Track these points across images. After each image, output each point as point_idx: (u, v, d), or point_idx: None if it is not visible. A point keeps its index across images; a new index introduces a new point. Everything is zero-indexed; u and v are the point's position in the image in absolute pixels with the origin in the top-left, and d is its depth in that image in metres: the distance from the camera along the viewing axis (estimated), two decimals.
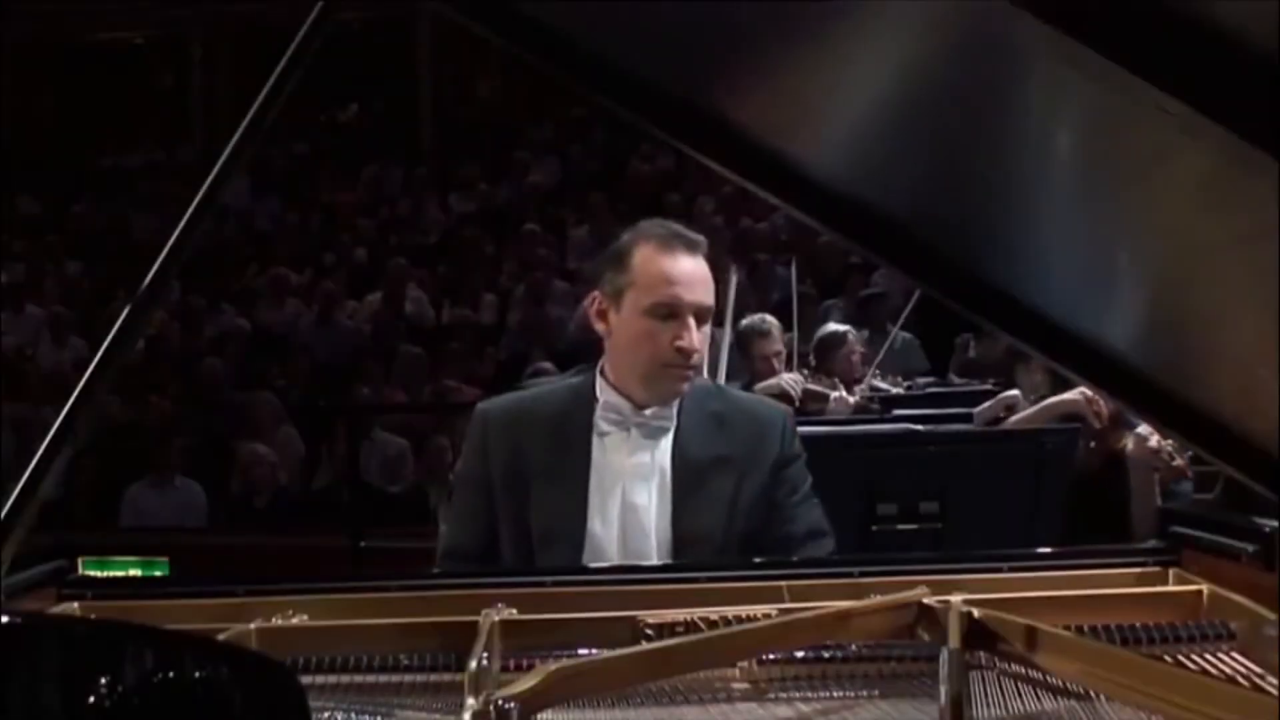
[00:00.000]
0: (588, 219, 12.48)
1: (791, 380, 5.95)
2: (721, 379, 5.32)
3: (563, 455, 2.69)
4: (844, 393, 6.11)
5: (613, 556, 2.65)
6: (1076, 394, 4.56)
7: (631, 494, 2.68)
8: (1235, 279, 1.51)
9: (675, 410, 2.72)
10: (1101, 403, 4.41)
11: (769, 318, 6.49)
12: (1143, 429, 4.23)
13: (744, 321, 6.51)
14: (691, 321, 2.67)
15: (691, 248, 2.70)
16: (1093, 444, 4.28)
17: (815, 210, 1.83)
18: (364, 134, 16.04)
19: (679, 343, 2.65)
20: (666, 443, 2.71)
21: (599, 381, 2.74)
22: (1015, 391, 5.32)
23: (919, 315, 8.19)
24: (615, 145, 13.56)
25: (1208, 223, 1.45)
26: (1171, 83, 1.17)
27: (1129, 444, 4.18)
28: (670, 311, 2.66)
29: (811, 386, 6.04)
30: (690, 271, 2.68)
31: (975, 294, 1.82)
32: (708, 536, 2.65)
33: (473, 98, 16.68)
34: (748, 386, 5.91)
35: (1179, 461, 4.18)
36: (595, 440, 2.70)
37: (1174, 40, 1.16)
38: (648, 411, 2.71)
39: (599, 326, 2.74)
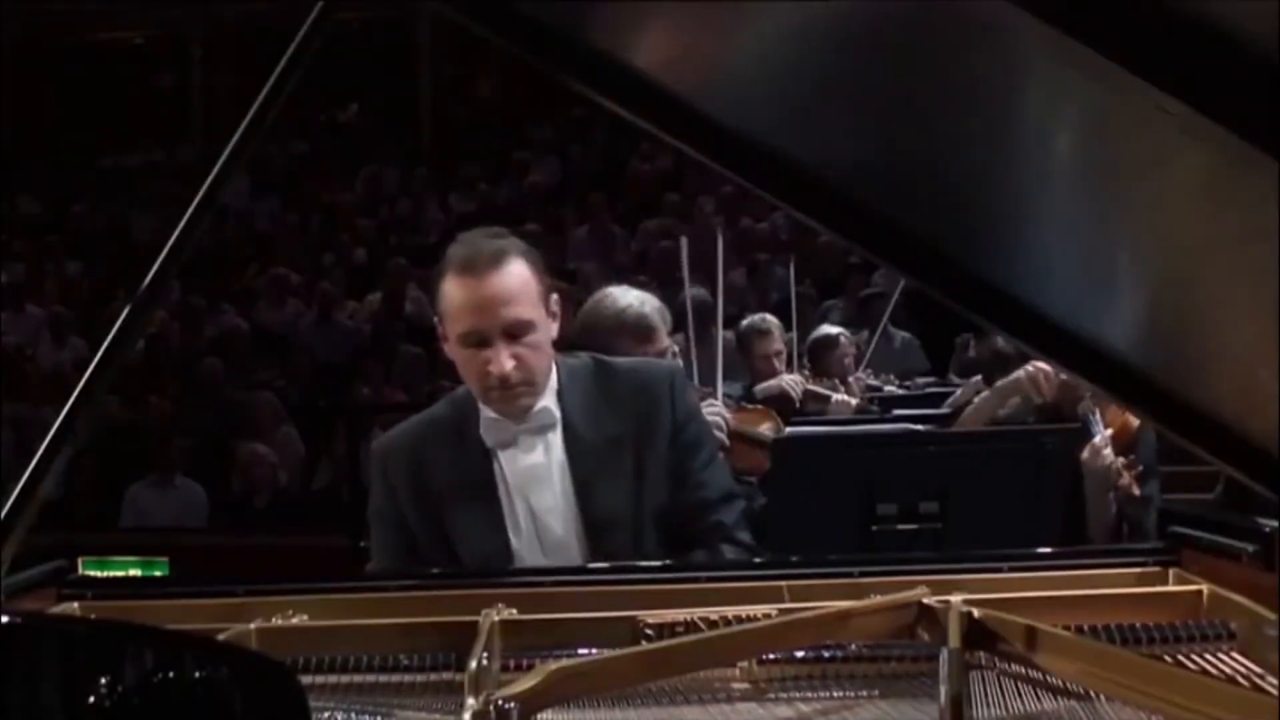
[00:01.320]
0: (588, 219, 12.48)
1: (792, 381, 5.96)
2: (719, 377, 5.33)
3: (466, 474, 2.69)
4: (845, 395, 6.11)
5: (539, 562, 2.65)
6: (1019, 372, 4.55)
7: (536, 500, 2.68)
8: (1235, 279, 1.51)
9: (556, 401, 2.69)
10: (1045, 377, 4.38)
11: (769, 317, 6.50)
12: (1099, 439, 4.20)
13: (744, 321, 6.52)
14: (500, 344, 2.61)
15: (493, 262, 2.61)
16: (1032, 419, 4.30)
17: (815, 210, 1.83)
18: (364, 134, 16.04)
19: (489, 368, 2.61)
20: (556, 436, 2.69)
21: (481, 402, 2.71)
22: (977, 378, 5.35)
23: (919, 315, 8.20)
24: (615, 145, 13.57)
25: (1208, 223, 1.45)
26: (1171, 83, 1.17)
27: (1085, 453, 4.17)
28: (478, 339, 2.62)
29: (813, 387, 6.05)
30: (491, 294, 2.60)
31: (975, 294, 1.82)
32: (619, 519, 2.65)
33: (473, 98, 16.69)
34: (748, 386, 5.91)
35: (1125, 480, 4.16)
36: (494, 462, 2.70)
37: (1174, 40, 1.16)
38: (522, 419, 2.69)
39: (447, 352, 2.71)
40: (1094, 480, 4.14)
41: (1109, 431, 4.23)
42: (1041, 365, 4.28)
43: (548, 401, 2.69)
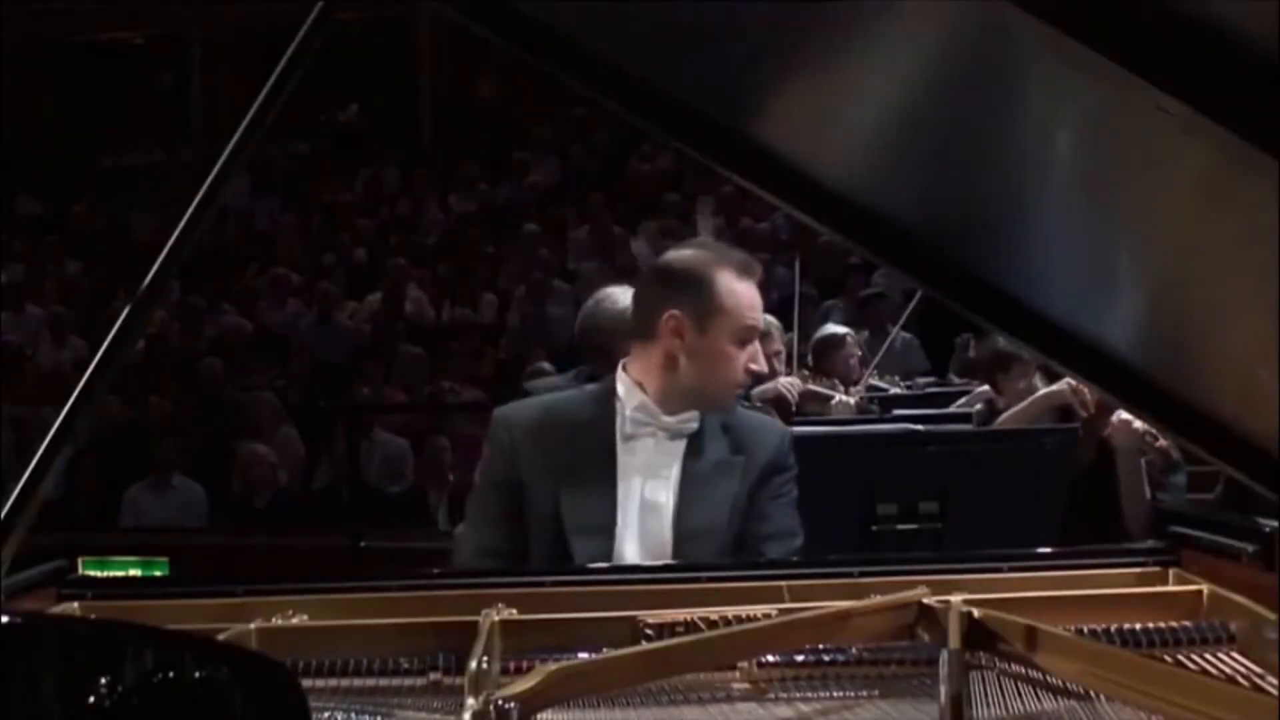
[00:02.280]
0: (588, 219, 12.48)
1: (788, 383, 5.94)
2: None
3: (590, 460, 2.79)
4: (845, 395, 6.10)
5: (634, 553, 2.74)
6: (1063, 384, 4.55)
7: (651, 493, 2.79)
8: (1235, 279, 1.51)
9: (698, 419, 2.84)
10: (1087, 392, 4.39)
11: (769, 317, 6.48)
12: (1123, 413, 4.19)
13: None
14: (759, 348, 2.88)
15: (756, 273, 2.90)
16: (1079, 433, 4.27)
17: (815, 210, 1.83)
18: (364, 134, 16.03)
19: (753, 366, 2.86)
20: (682, 446, 2.83)
21: (624, 385, 2.84)
22: (985, 387, 5.35)
23: (919, 315, 8.19)
24: (615, 145, 13.56)
25: (1208, 223, 1.45)
26: (1171, 83, 1.17)
27: (1116, 435, 4.16)
28: (750, 337, 2.85)
29: (813, 388, 6.04)
30: (759, 298, 2.90)
31: (975, 294, 1.82)
32: (711, 532, 2.76)
33: (473, 98, 16.68)
34: (747, 388, 5.91)
35: (1162, 442, 4.15)
36: (620, 443, 2.80)
37: (1174, 40, 1.16)
38: (675, 417, 2.82)
39: (672, 343, 2.81)
40: (1126, 459, 4.12)
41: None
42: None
43: (695, 413, 2.85)
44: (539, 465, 2.78)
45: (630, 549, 2.74)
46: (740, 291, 2.82)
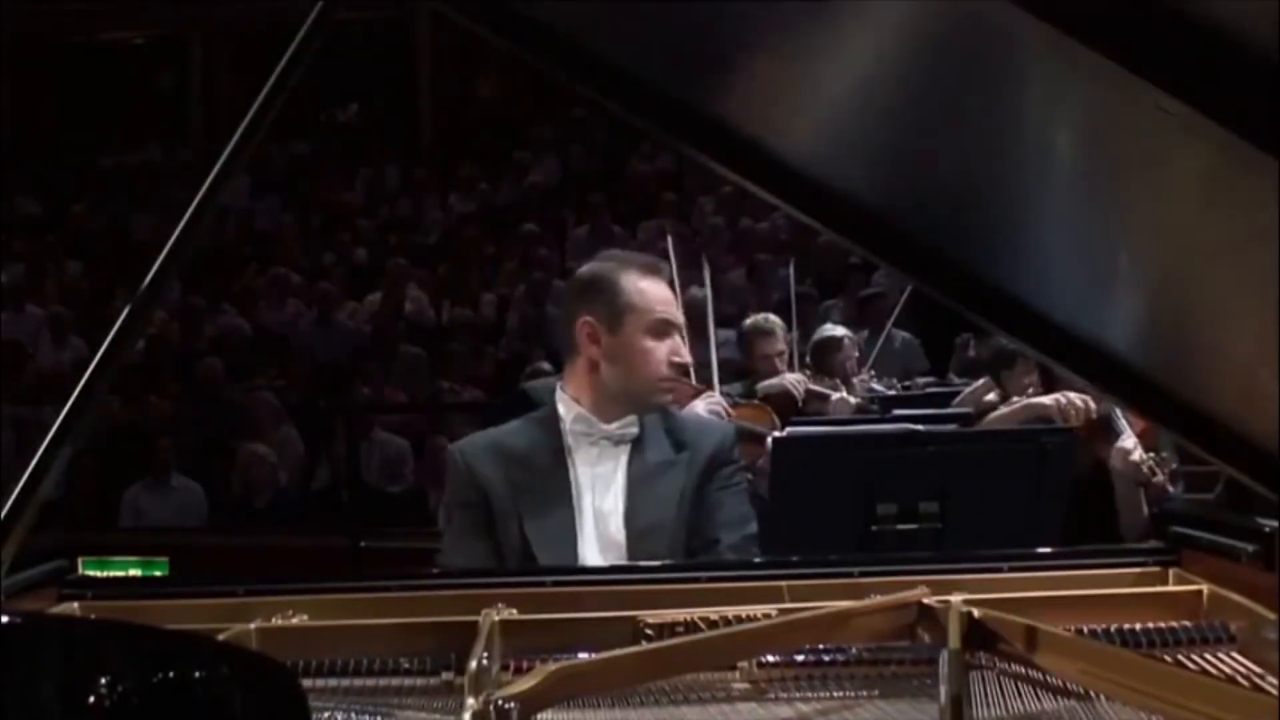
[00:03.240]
0: (588, 219, 12.47)
1: (795, 380, 5.95)
2: (714, 379, 5.33)
3: (544, 479, 2.89)
4: (845, 393, 6.10)
5: (594, 559, 2.82)
6: (1050, 399, 4.56)
7: (600, 500, 2.88)
8: (1235, 279, 1.51)
9: (638, 423, 2.93)
10: (1075, 409, 4.38)
11: (772, 317, 6.49)
12: (1125, 441, 4.18)
13: (747, 321, 6.52)
14: (678, 338, 2.95)
15: (663, 273, 3.00)
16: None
17: (815, 210, 1.83)
18: (364, 134, 16.02)
19: (675, 358, 2.93)
20: (625, 452, 2.92)
21: (563, 403, 2.95)
22: (985, 379, 5.34)
23: (919, 315, 8.20)
24: (615, 145, 13.55)
25: (1208, 223, 1.45)
26: (1171, 83, 1.17)
27: (1114, 458, 4.14)
28: (666, 329, 2.93)
29: (814, 387, 6.04)
30: (671, 295, 3.01)
31: (975, 294, 1.82)
32: (660, 528, 2.84)
33: (473, 98, 16.68)
34: (750, 386, 5.91)
35: (1159, 477, 4.13)
36: (568, 458, 2.90)
37: (1174, 40, 1.16)
38: (615, 424, 2.92)
39: (588, 350, 2.92)
40: (1124, 483, 4.11)
41: (1136, 432, 4.19)
42: (1073, 396, 4.26)
43: (633, 416, 2.94)
44: (499, 488, 2.87)
45: (590, 557, 2.83)
46: (646, 288, 2.92)
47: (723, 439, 3.00)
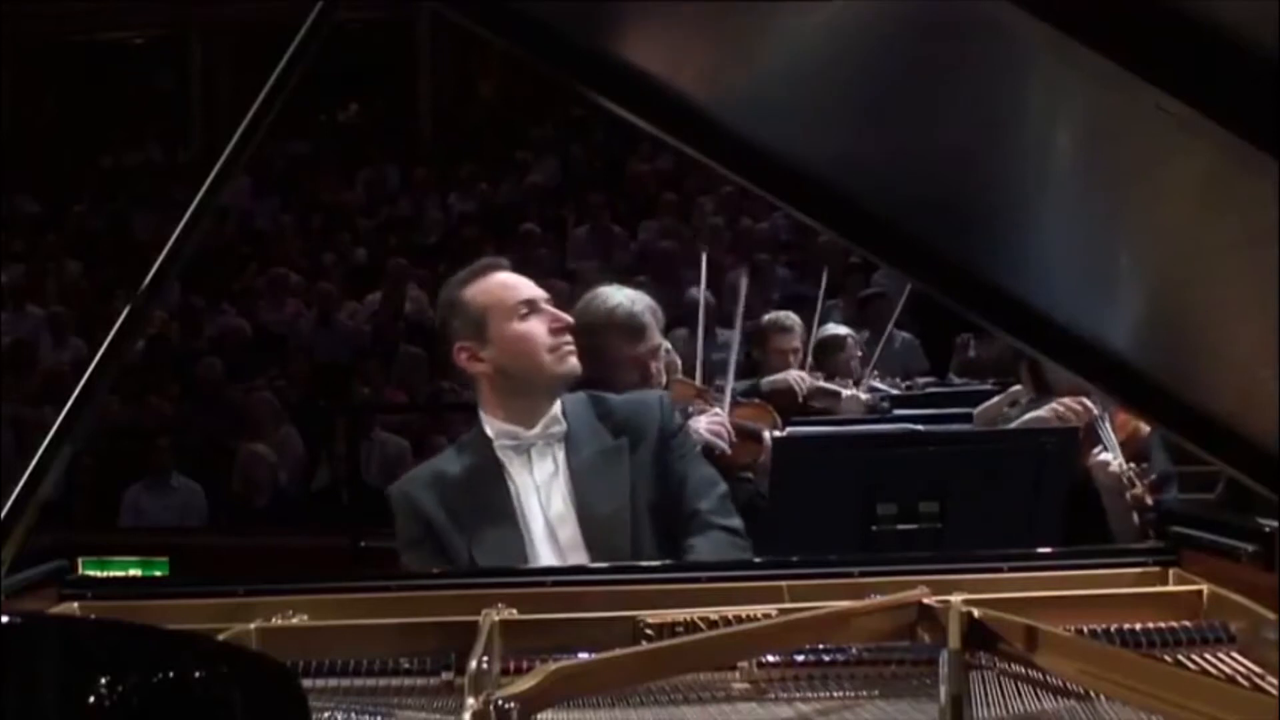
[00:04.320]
0: (588, 219, 12.47)
1: (798, 377, 5.94)
2: (730, 380, 5.33)
3: (485, 502, 2.88)
4: (856, 391, 6.10)
5: (552, 559, 2.83)
6: (1046, 411, 4.54)
7: (547, 507, 2.88)
8: (1235, 279, 1.51)
9: (562, 418, 2.93)
10: (1075, 413, 4.35)
11: (792, 315, 6.48)
12: (1104, 455, 4.14)
13: (766, 316, 6.51)
14: (547, 308, 2.95)
15: (500, 266, 3.05)
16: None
17: (815, 210, 1.83)
18: (364, 134, 16.03)
19: (554, 325, 2.93)
20: (561, 451, 2.92)
21: (486, 424, 2.95)
22: (1018, 387, 5.30)
23: (919, 315, 8.20)
24: (615, 145, 13.56)
25: (1208, 223, 1.45)
26: (1171, 83, 1.17)
27: (1095, 470, 4.10)
28: (531, 306, 2.93)
29: (825, 385, 6.04)
30: (515, 276, 3.02)
31: (975, 294, 1.82)
32: (617, 516, 2.85)
33: (473, 98, 16.68)
34: (755, 382, 5.91)
35: (1137, 489, 4.09)
36: (505, 474, 2.90)
37: (1174, 40, 1.16)
38: (538, 428, 2.92)
39: (476, 369, 2.94)
40: (1108, 492, 4.08)
41: (1115, 446, 4.14)
42: (1069, 403, 4.21)
43: (556, 412, 2.94)
44: (441, 518, 2.85)
45: (550, 561, 2.82)
46: (488, 287, 2.95)
47: (658, 409, 2.99)
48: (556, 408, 2.95)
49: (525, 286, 2.98)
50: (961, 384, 7.45)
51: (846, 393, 6.03)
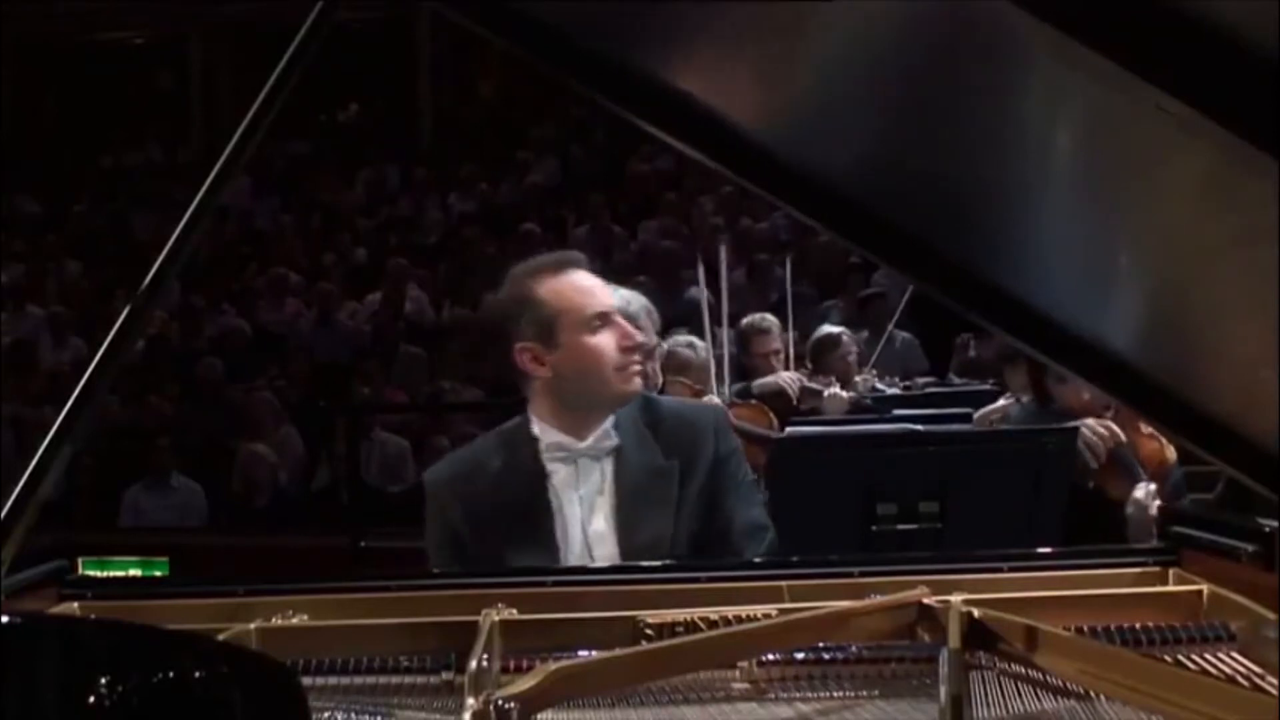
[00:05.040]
0: (588, 219, 12.48)
1: (790, 379, 5.96)
2: (726, 378, 5.33)
3: (520, 499, 2.76)
4: (838, 389, 6.11)
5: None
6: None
7: (590, 522, 2.75)
8: (1235, 279, 1.51)
9: (613, 428, 2.79)
10: (1101, 437, 4.29)
11: (769, 316, 6.53)
12: (1140, 493, 3.98)
13: (744, 320, 6.54)
14: (620, 321, 2.79)
15: (577, 264, 2.84)
16: (1091, 485, 4.14)
17: (815, 210, 1.83)
18: (364, 134, 16.03)
19: (625, 342, 2.76)
20: (610, 464, 2.79)
21: (537, 426, 2.81)
22: (1010, 401, 5.29)
23: (919, 315, 8.20)
24: (615, 145, 13.55)
25: (1208, 223, 1.45)
26: (1171, 83, 1.17)
27: (1129, 507, 3.98)
28: (604, 319, 2.77)
29: (809, 384, 6.05)
30: (595, 281, 2.82)
31: (975, 294, 1.82)
32: (659, 544, 2.71)
33: (473, 98, 16.68)
34: (746, 385, 5.92)
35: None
36: (549, 484, 2.77)
37: (1174, 40, 1.16)
38: (589, 440, 2.78)
39: (537, 373, 2.78)
40: (1136, 525, 4.01)
41: (1152, 486, 4.01)
42: (1095, 426, 4.08)
43: (608, 425, 2.79)
44: (472, 523, 2.75)
45: None
46: (564, 288, 2.77)
47: (714, 430, 2.83)
48: (610, 419, 2.80)
49: (602, 294, 2.80)
50: (961, 384, 7.45)
51: (829, 391, 6.03)
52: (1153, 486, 3.89)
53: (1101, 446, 4.07)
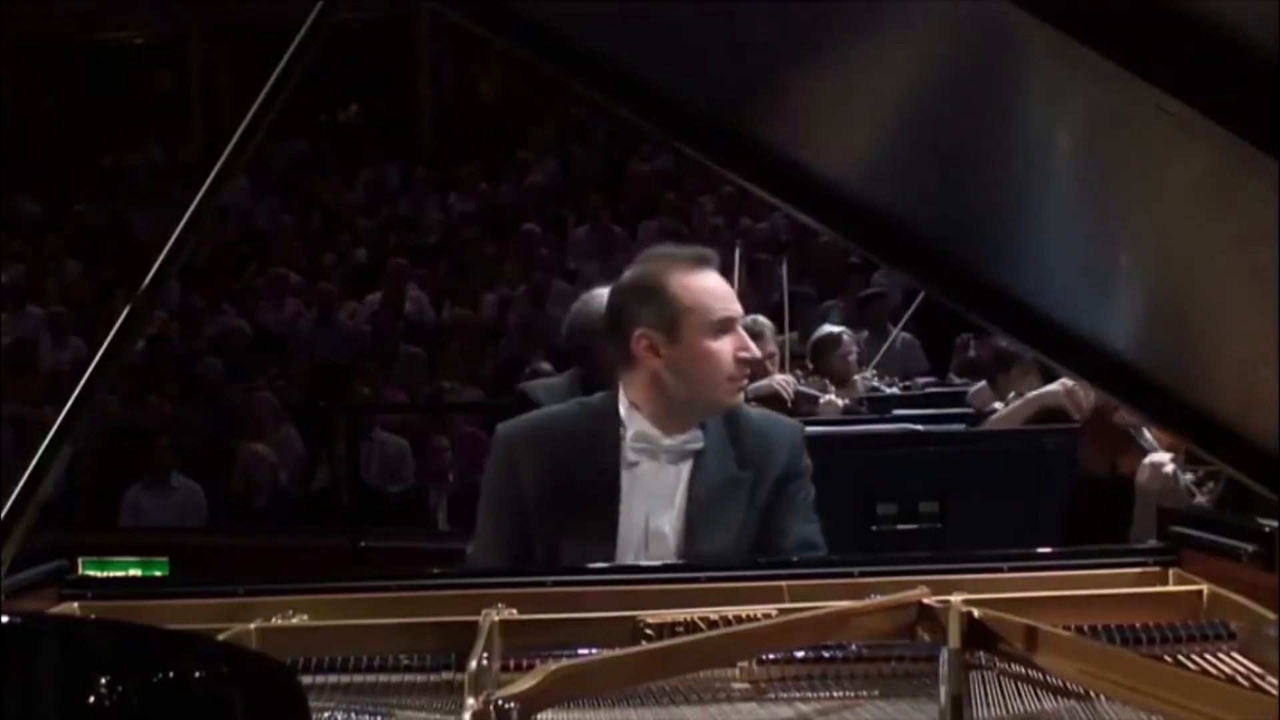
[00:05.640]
0: (588, 219, 12.48)
1: (783, 381, 5.95)
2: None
3: (594, 482, 2.71)
4: (834, 396, 6.11)
5: None
6: (1057, 385, 4.49)
7: (655, 521, 2.72)
8: (1235, 279, 1.51)
9: (701, 429, 2.75)
10: (1081, 394, 4.32)
11: (761, 318, 6.50)
12: (1156, 456, 3.94)
13: None
14: (742, 331, 2.76)
15: (712, 262, 2.79)
16: (1111, 474, 4.13)
17: (815, 210, 1.83)
18: (364, 134, 16.03)
19: (742, 354, 2.73)
20: (688, 466, 2.75)
21: (625, 410, 2.76)
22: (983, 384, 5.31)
23: (919, 315, 8.20)
24: (615, 145, 13.56)
25: (1208, 223, 1.45)
26: (1171, 83, 1.17)
27: (1142, 474, 3.93)
28: (728, 325, 2.73)
29: (803, 389, 6.05)
30: (728, 286, 2.78)
31: (976, 294, 1.82)
32: (719, 552, 2.68)
33: (473, 98, 16.68)
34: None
35: (1199, 499, 3.88)
36: (624, 471, 2.73)
37: (1174, 40, 1.16)
38: (679, 438, 2.74)
39: (650, 362, 2.73)
40: (1146, 499, 3.96)
41: (1168, 453, 3.96)
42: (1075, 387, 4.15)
43: (695, 429, 2.76)
44: (540, 488, 2.71)
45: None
46: (697, 286, 2.73)
47: (792, 447, 2.81)
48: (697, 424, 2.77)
49: (731, 300, 2.75)
50: (961, 384, 7.45)
51: (825, 398, 6.03)
52: (1168, 455, 3.87)
53: (1080, 395, 4.10)
